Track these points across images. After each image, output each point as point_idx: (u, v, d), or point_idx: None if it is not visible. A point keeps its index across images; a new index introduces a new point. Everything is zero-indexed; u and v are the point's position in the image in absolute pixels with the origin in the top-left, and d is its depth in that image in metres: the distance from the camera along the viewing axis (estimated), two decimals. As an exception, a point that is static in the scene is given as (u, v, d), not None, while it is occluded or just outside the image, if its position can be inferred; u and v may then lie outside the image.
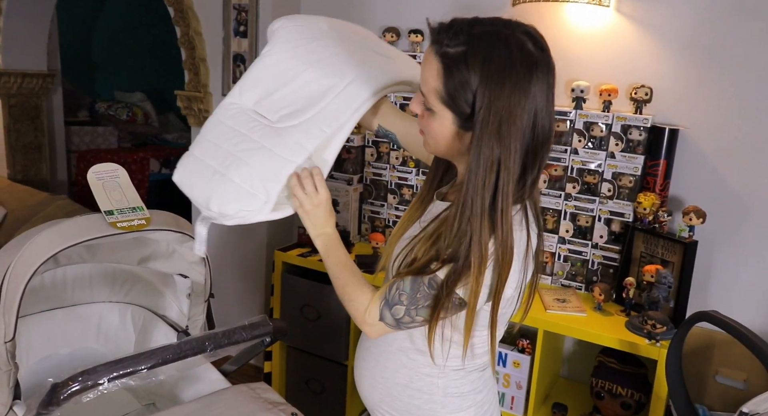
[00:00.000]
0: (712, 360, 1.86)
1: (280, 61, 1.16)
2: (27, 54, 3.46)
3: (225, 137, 1.10)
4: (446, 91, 0.89)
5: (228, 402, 1.44)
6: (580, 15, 2.02)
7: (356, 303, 1.04)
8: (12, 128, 3.50)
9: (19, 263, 1.34)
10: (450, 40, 0.88)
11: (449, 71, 0.88)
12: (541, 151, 0.93)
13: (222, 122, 1.13)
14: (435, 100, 0.91)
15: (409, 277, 0.97)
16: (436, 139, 0.96)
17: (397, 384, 1.09)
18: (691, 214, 1.77)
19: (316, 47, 1.16)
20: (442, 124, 0.93)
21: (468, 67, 0.86)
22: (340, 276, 1.07)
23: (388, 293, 1.00)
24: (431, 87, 0.91)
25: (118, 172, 1.58)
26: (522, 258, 0.96)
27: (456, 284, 0.92)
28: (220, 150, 1.10)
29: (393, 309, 0.99)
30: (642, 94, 1.90)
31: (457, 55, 0.87)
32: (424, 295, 0.96)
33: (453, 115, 0.91)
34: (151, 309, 1.85)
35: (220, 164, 1.08)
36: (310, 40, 1.18)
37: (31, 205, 3.05)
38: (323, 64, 1.13)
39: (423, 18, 2.32)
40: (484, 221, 0.89)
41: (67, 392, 1.14)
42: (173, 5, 2.68)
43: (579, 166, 1.98)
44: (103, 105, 4.83)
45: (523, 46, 0.87)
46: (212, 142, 1.12)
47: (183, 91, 2.76)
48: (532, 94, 0.88)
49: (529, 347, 1.93)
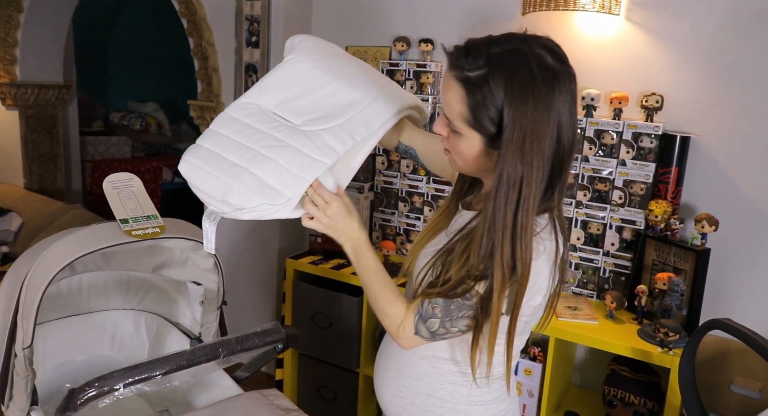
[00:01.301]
0: (727, 369, 1.84)
1: (306, 70, 1.16)
2: (44, 66, 3.53)
3: (244, 133, 1.08)
4: (471, 114, 0.91)
5: (241, 408, 1.45)
6: (590, 23, 2.03)
7: (390, 317, 1.04)
8: (29, 139, 3.56)
9: (37, 271, 1.36)
10: (470, 65, 0.89)
11: (473, 95, 0.89)
12: (567, 160, 0.94)
13: (238, 119, 1.11)
14: (461, 123, 0.93)
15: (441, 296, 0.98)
16: (464, 159, 0.98)
17: (420, 392, 1.09)
18: (704, 222, 1.76)
19: (340, 63, 1.18)
20: (470, 145, 0.95)
21: (491, 89, 0.88)
22: (371, 287, 1.06)
23: (421, 307, 1.00)
24: (456, 111, 0.93)
25: (133, 181, 1.61)
26: (552, 265, 0.97)
27: (491, 302, 0.93)
28: (238, 145, 1.07)
29: (428, 322, 0.99)
30: (653, 101, 1.90)
31: (478, 79, 0.88)
32: (458, 306, 0.97)
33: (480, 135, 0.93)
34: (164, 317, 1.88)
35: (239, 158, 1.05)
36: (333, 56, 1.20)
37: (46, 214, 3.10)
38: (348, 79, 1.14)
39: (433, 28, 2.36)
40: (506, 238, 0.90)
41: (83, 397, 1.15)
42: (186, 17, 2.72)
43: (590, 173, 1.98)
44: (117, 115, 4.90)
45: (542, 61, 0.89)
46: (228, 137, 1.09)
47: (196, 101, 2.79)
48: (556, 108, 0.89)
49: (541, 355, 1.92)
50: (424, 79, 2.29)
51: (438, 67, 2.30)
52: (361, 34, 2.53)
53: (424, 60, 2.31)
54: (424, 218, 2.33)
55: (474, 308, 0.96)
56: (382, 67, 2.36)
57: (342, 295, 2.20)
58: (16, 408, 1.36)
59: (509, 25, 2.16)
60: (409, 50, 2.36)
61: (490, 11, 2.21)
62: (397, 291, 1.07)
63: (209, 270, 1.63)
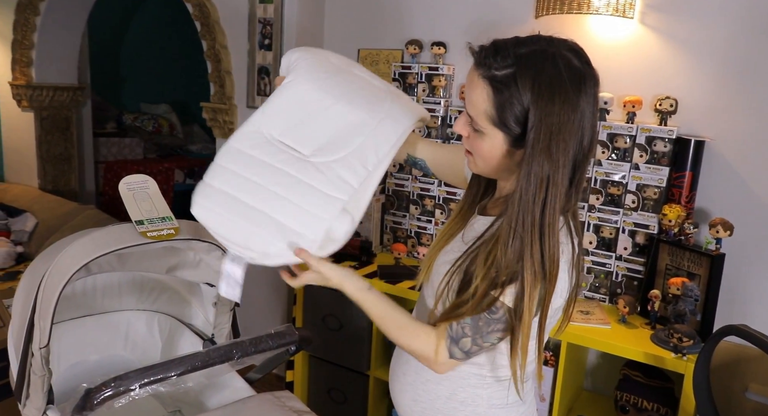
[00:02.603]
0: (742, 375, 1.82)
1: (306, 92, 1.11)
2: (59, 68, 3.57)
3: (254, 169, 1.04)
4: (497, 112, 0.91)
5: (253, 409, 1.45)
6: (603, 27, 2.03)
7: (419, 350, 1.02)
8: (43, 140, 3.60)
9: (54, 271, 1.38)
10: (497, 63, 0.89)
11: (499, 93, 0.90)
12: (585, 162, 0.95)
13: (245, 152, 1.06)
14: (485, 122, 0.93)
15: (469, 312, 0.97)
16: (485, 159, 0.97)
17: (439, 396, 1.08)
18: (719, 227, 1.75)
19: (341, 81, 1.13)
20: (493, 144, 0.95)
21: (518, 88, 0.88)
22: (388, 331, 1.05)
23: (450, 330, 0.98)
24: (481, 109, 0.92)
25: (148, 183, 1.62)
26: (570, 267, 0.97)
27: (523, 302, 0.92)
28: (249, 183, 1.04)
29: (460, 343, 0.98)
30: (667, 105, 1.90)
31: (506, 77, 0.89)
32: (487, 321, 0.96)
33: (504, 134, 0.93)
34: (177, 318, 1.89)
35: (254, 199, 1.02)
36: (333, 74, 1.14)
37: (60, 215, 3.13)
38: (351, 98, 1.10)
39: (446, 31, 2.37)
40: (535, 237, 0.90)
41: (100, 397, 1.16)
42: (200, 20, 2.75)
43: (602, 177, 1.98)
44: (130, 117, 4.94)
45: (569, 62, 0.90)
46: (238, 173, 1.05)
47: (208, 103, 2.82)
48: (581, 109, 0.90)
49: (553, 359, 1.92)
50: (436, 82, 2.29)
51: (450, 71, 2.31)
52: (373, 37, 2.54)
53: (436, 63, 2.31)
54: (436, 221, 2.33)
55: (502, 320, 0.95)
56: (395, 70, 2.36)
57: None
58: (32, 407, 1.38)
59: (522, 28, 2.15)
60: (422, 53, 2.36)
61: (503, 14, 2.21)
62: (415, 323, 1.04)
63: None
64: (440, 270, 1.04)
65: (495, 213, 1.02)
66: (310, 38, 2.63)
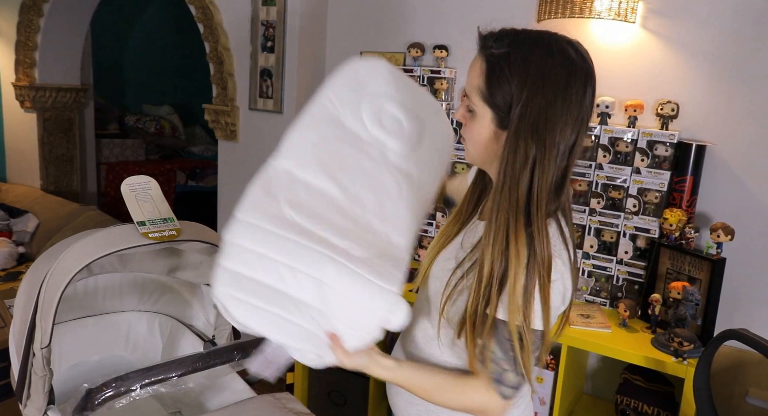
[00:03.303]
0: (742, 380, 1.82)
1: (312, 185, 0.99)
2: (62, 69, 3.58)
3: (296, 257, 0.90)
4: (487, 87, 0.91)
5: (254, 411, 1.46)
6: (605, 31, 2.03)
7: (474, 406, 0.97)
8: (45, 141, 3.61)
9: (56, 271, 1.38)
10: (495, 43, 0.92)
11: (491, 68, 0.91)
12: (572, 157, 0.93)
13: (278, 234, 0.92)
14: (477, 98, 0.93)
15: (492, 340, 0.92)
16: (474, 142, 0.97)
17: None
18: (719, 231, 1.75)
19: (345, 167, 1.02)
20: (482, 124, 0.94)
21: (509, 65, 0.89)
22: (433, 399, 0.99)
23: (490, 372, 0.94)
24: (474, 85, 0.94)
25: (150, 184, 1.62)
26: (570, 271, 0.93)
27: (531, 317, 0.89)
28: (298, 276, 0.90)
29: (505, 380, 0.93)
30: (668, 109, 1.90)
31: (500, 55, 0.90)
32: (510, 348, 0.91)
33: (492, 112, 0.92)
34: (178, 319, 1.89)
35: (307, 300, 0.90)
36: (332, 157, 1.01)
37: (62, 216, 3.14)
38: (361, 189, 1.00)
39: (448, 34, 2.37)
40: (520, 226, 0.87)
41: (101, 397, 1.17)
42: (203, 22, 2.76)
43: (604, 181, 1.98)
44: (132, 118, 4.95)
45: (564, 51, 0.91)
46: (279, 262, 0.91)
47: (211, 105, 2.82)
48: (570, 98, 0.89)
49: (553, 363, 1.92)
50: (438, 85, 2.30)
51: (452, 74, 2.31)
52: (375, 40, 2.54)
53: (438, 66, 2.32)
54: (437, 223, 2.33)
55: (521, 337, 0.90)
56: (397, 73, 2.37)
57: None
58: (33, 407, 1.38)
59: (524, 32, 2.16)
60: (424, 56, 2.37)
61: (504, 18, 2.20)
62: (455, 380, 0.98)
63: (224, 273, 1.64)
64: (438, 274, 1.03)
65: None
66: (313, 41, 2.64)
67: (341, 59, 2.94)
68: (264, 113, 2.68)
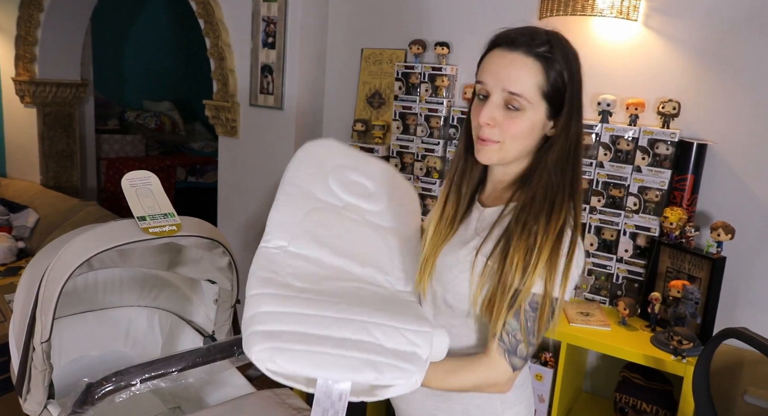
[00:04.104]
0: (741, 378, 1.82)
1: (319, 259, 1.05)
2: (62, 64, 3.57)
3: (329, 305, 0.93)
4: (548, 82, 0.98)
5: (253, 406, 1.46)
6: (607, 29, 2.03)
7: (485, 380, 1.00)
8: (45, 136, 3.60)
9: (56, 266, 1.38)
10: (536, 42, 0.98)
11: (549, 64, 0.98)
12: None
13: (301, 287, 0.96)
14: (535, 95, 0.98)
15: (510, 313, 0.97)
16: (519, 138, 1.00)
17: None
18: (720, 230, 1.75)
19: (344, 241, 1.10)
20: (533, 119, 1.00)
21: (558, 58, 0.99)
22: (447, 384, 1.01)
23: (504, 343, 0.98)
24: (531, 84, 0.98)
25: (150, 179, 1.62)
26: (580, 252, 1.01)
27: (554, 285, 0.96)
28: (336, 321, 0.91)
29: (518, 352, 0.98)
30: (669, 108, 1.90)
31: (547, 51, 0.98)
32: (533, 319, 0.97)
33: (546, 105, 1.00)
34: (178, 314, 1.89)
35: (353, 334, 0.90)
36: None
37: (62, 211, 3.13)
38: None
39: (449, 31, 2.36)
40: (566, 196, 0.99)
41: (101, 392, 1.17)
42: (204, 17, 2.75)
43: (604, 179, 1.98)
44: (132, 114, 4.94)
45: (568, 42, 1.04)
46: (312, 315, 0.91)
47: (211, 101, 2.82)
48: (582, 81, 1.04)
49: (552, 360, 1.92)
50: (439, 82, 2.29)
51: (453, 71, 2.31)
52: (377, 37, 2.54)
53: (439, 63, 2.31)
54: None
55: (537, 308, 0.97)
56: (398, 70, 2.37)
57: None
58: (33, 401, 1.38)
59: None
60: (425, 53, 2.37)
61: (506, 15, 2.21)
62: (463, 359, 1.02)
63: (224, 268, 1.65)
64: (452, 263, 1.04)
65: (500, 203, 1.05)
66: (314, 37, 2.63)
67: (342, 56, 2.95)
68: (264, 109, 2.68)
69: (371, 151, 2.41)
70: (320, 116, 2.75)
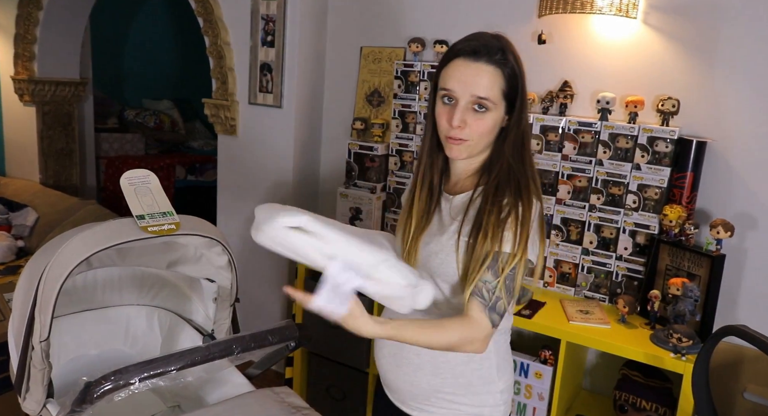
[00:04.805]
0: (740, 376, 1.82)
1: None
2: (61, 63, 3.56)
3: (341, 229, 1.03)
4: (508, 84, 1.13)
5: (252, 405, 1.46)
6: (606, 26, 2.02)
7: (466, 337, 1.07)
8: (45, 135, 3.60)
9: (54, 265, 1.38)
10: (492, 52, 1.11)
11: (507, 69, 1.12)
12: None
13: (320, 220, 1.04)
14: (498, 97, 1.12)
15: (489, 272, 1.08)
16: (485, 133, 1.14)
17: (459, 362, 1.18)
18: (719, 228, 1.75)
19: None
20: (495, 117, 1.14)
21: (511, 62, 1.12)
22: (427, 340, 1.07)
23: (483, 299, 1.08)
24: (495, 88, 1.11)
25: (149, 177, 1.62)
26: (539, 221, 1.14)
27: (527, 247, 1.09)
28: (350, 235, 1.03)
29: (497, 307, 1.08)
30: (669, 105, 1.89)
31: (502, 58, 1.12)
32: (512, 277, 1.08)
33: (505, 103, 1.14)
34: (177, 313, 1.89)
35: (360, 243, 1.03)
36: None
37: (61, 210, 3.13)
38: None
39: (449, 29, 2.36)
40: (527, 177, 1.12)
41: (100, 390, 1.17)
42: (203, 16, 2.75)
43: (604, 177, 1.98)
44: (132, 112, 4.93)
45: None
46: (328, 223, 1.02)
47: (210, 100, 2.82)
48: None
49: (552, 358, 1.92)
50: (439, 80, 2.29)
51: (452, 69, 2.30)
52: (376, 35, 2.54)
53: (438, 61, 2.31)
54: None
55: (520, 269, 1.08)
56: (397, 68, 2.36)
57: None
58: (32, 400, 1.38)
59: (525, 27, 2.15)
60: (424, 51, 2.36)
61: (506, 13, 2.21)
62: (442, 319, 1.10)
63: (223, 267, 1.65)
64: (436, 249, 1.15)
65: (467, 190, 1.18)
66: (313, 36, 2.63)
67: (342, 54, 2.95)
68: (264, 108, 2.67)
69: (370, 149, 2.41)
70: (319, 114, 2.74)
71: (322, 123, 2.76)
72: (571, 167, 2.02)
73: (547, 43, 2.09)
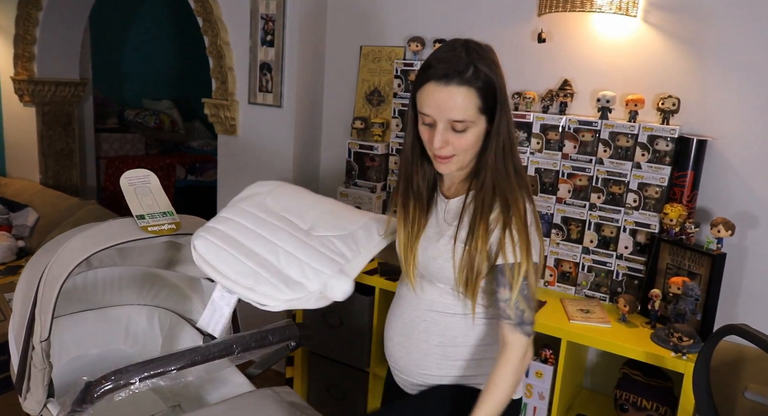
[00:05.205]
0: (741, 375, 1.82)
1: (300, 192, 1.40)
2: (61, 63, 3.56)
3: (260, 226, 1.23)
4: (483, 100, 1.10)
5: (253, 404, 1.46)
6: (606, 25, 2.02)
7: (519, 360, 1.13)
8: (45, 135, 3.60)
9: (54, 265, 1.38)
10: (462, 70, 1.08)
11: (478, 85, 1.09)
12: None
13: (251, 212, 1.27)
14: (475, 114, 1.11)
15: (502, 289, 1.11)
16: (469, 149, 1.14)
17: (466, 344, 1.21)
18: (720, 226, 1.75)
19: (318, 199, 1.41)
20: (477, 131, 1.13)
21: (484, 74, 1.09)
22: (509, 390, 1.13)
23: (511, 319, 1.11)
24: (471, 107, 1.10)
25: (149, 177, 1.62)
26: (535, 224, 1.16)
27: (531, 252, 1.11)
28: (256, 234, 1.21)
29: (525, 319, 1.12)
30: (669, 104, 1.89)
31: (473, 74, 1.09)
32: (528, 286, 1.11)
33: (485, 117, 1.12)
34: (177, 313, 1.89)
35: (260, 248, 1.19)
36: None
37: (61, 210, 3.13)
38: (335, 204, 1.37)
39: (448, 28, 2.36)
40: (515, 180, 1.13)
41: (100, 390, 1.17)
42: (202, 15, 2.74)
43: (604, 176, 1.97)
44: (132, 112, 4.94)
45: (479, 44, 1.15)
46: (244, 225, 1.23)
47: (210, 99, 2.81)
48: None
49: (552, 357, 1.92)
50: (439, 79, 2.29)
51: (452, 68, 2.30)
52: (375, 34, 2.53)
53: (438, 60, 2.31)
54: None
55: (531, 274, 1.11)
56: (396, 67, 2.36)
57: (353, 294, 2.19)
58: (33, 400, 1.38)
59: (525, 25, 2.15)
60: (424, 50, 2.36)
61: (506, 12, 2.21)
62: (492, 377, 1.13)
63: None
64: (433, 254, 1.18)
65: (461, 193, 1.20)
66: (313, 35, 2.63)
67: (341, 53, 2.95)
68: (263, 107, 2.67)
69: (370, 148, 2.41)
70: (319, 114, 2.74)
71: (322, 122, 2.76)
72: (572, 166, 2.02)
73: (547, 41, 2.09)
